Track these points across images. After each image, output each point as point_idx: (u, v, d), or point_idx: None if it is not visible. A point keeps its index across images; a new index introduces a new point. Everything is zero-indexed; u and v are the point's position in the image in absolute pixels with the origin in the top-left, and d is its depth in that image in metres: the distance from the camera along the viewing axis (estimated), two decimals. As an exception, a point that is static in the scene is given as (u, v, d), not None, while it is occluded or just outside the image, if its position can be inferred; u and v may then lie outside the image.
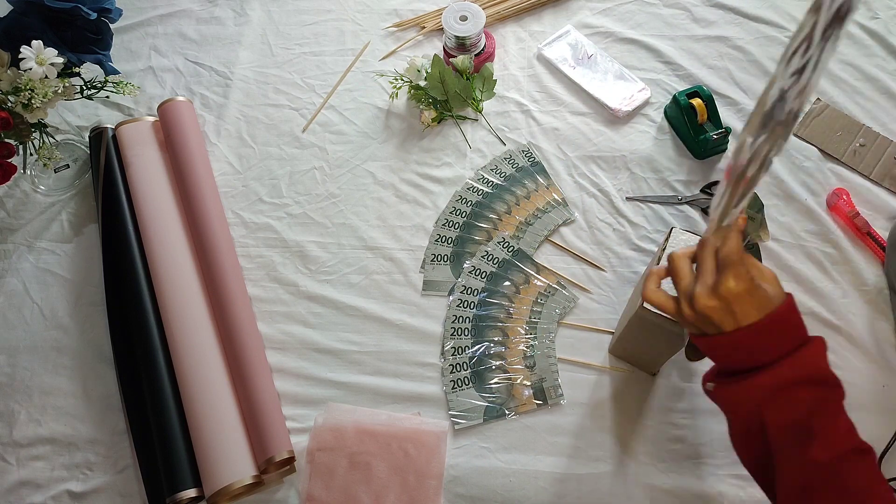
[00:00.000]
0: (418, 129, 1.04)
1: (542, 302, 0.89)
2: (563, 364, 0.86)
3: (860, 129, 1.00)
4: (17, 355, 0.88)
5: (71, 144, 1.02)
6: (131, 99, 1.06)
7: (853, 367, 0.84)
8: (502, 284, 0.91)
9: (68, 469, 0.82)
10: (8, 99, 0.83)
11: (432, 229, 0.96)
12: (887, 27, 1.09)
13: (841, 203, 0.93)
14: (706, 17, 1.12)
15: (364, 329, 0.89)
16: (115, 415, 0.84)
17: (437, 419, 0.83)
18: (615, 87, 1.05)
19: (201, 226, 0.90)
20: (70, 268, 0.94)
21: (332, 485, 0.79)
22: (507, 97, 1.06)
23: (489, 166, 1.00)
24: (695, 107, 0.96)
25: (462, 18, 1.01)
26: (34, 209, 0.98)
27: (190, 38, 1.13)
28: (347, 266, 0.94)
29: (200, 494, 0.77)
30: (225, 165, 1.02)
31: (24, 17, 0.85)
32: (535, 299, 0.89)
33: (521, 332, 0.88)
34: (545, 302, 0.89)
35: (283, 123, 1.05)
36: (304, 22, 1.14)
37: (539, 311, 0.89)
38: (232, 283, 0.87)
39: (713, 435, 0.81)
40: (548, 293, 0.90)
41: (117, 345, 0.86)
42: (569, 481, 0.79)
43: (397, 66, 1.09)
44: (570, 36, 1.10)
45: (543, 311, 0.89)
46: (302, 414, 0.84)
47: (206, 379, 0.81)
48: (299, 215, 0.98)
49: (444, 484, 0.79)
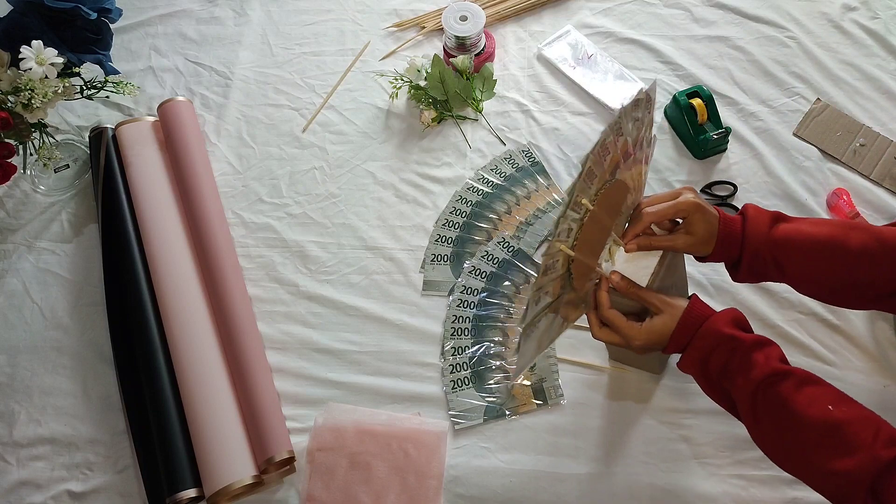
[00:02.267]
0: (418, 129, 1.04)
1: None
2: (563, 364, 0.86)
3: (860, 129, 1.00)
4: (17, 355, 0.88)
5: (71, 144, 1.02)
6: (131, 99, 1.06)
7: (853, 367, 0.84)
8: (502, 284, 0.91)
9: (68, 469, 0.82)
10: (8, 99, 0.83)
11: (432, 229, 0.96)
12: (887, 27, 1.09)
13: (841, 203, 0.93)
14: (706, 17, 1.12)
15: (364, 329, 0.89)
16: (115, 415, 0.84)
17: (437, 419, 0.83)
18: (615, 87, 1.05)
19: (201, 226, 0.90)
20: (70, 268, 0.94)
21: (332, 485, 0.79)
22: (507, 97, 1.06)
23: (489, 166, 1.00)
24: (695, 107, 0.96)
25: (462, 18, 1.01)
26: (34, 209, 0.98)
27: (190, 38, 1.13)
28: (347, 266, 0.94)
29: (200, 494, 0.77)
30: (225, 165, 1.02)
31: (24, 17, 0.85)
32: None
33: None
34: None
35: (283, 123, 1.05)
36: (304, 22, 1.14)
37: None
38: (232, 283, 0.87)
39: (714, 435, 0.81)
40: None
41: (117, 345, 0.86)
42: (569, 481, 0.79)
43: (397, 66, 1.09)
44: (570, 36, 1.10)
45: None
46: (302, 414, 0.84)
47: (206, 379, 0.81)
48: (299, 215, 0.98)
49: (444, 484, 0.79)
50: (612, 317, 0.67)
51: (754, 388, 0.62)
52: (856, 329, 0.86)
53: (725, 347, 0.64)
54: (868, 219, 0.92)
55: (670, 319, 0.66)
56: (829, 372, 0.84)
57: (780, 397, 0.61)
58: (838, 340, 0.86)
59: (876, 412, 0.81)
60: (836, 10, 1.11)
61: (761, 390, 0.62)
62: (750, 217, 0.69)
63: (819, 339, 0.86)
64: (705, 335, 0.65)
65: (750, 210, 0.69)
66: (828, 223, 0.69)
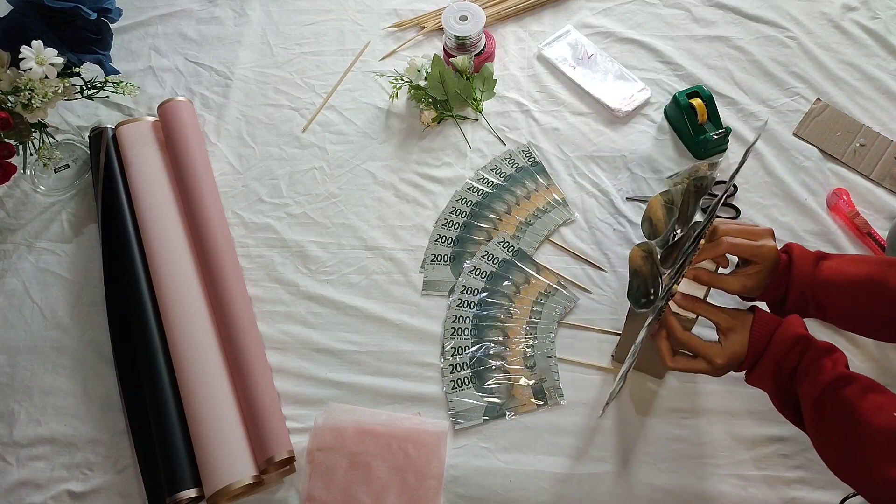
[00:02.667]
0: (418, 129, 1.04)
1: (543, 302, 0.89)
2: (564, 364, 0.86)
3: (860, 129, 1.00)
4: (17, 355, 0.88)
5: (71, 144, 1.02)
6: (131, 99, 1.06)
7: (853, 367, 0.83)
8: (502, 284, 0.91)
9: (68, 469, 0.82)
10: (8, 99, 0.83)
11: (432, 229, 0.96)
12: (887, 27, 1.09)
13: (841, 203, 0.93)
14: (706, 17, 1.12)
15: (364, 329, 0.89)
16: (115, 415, 0.84)
17: (437, 419, 0.83)
18: (615, 87, 1.05)
19: (201, 226, 0.90)
20: (70, 268, 0.94)
21: (332, 485, 0.79)
22: (507, 97, 1.06)
23: (489, 166, 1.00)
24: (695, 107, 0.96)
25: (462, 18, 1.01)
26: (34, 209, 0.98)
27: (190, 38, 1.13)
28: (347, 266, 0.94)
29: (200, 494, 0.77)
30: (225, 165, 1.02)
31: (24, 17, 0.85)
32: (536, 299, 0.89)
33: (522, 333, 0.88)
34: (545, 302, 0.89)
35: (283, 123, 1.05)
36: (304, 22, 1.14)
37: (539, 311, 0.89)
38: (232, 283, 0.87)
39: (714, 435, 0.81)
40: (548, 293, 0.90)
41: (117, 345, 0.86)
42: (569, 481, 0.79)
43: (397, 66, 1.09)
44: (570, 36, 1.10)
45: (543, 311, 0.89)
46: (302, 414, 0.84)
47: (206, 379, 0.81)
48: (299, 215, 0.98)
49: (444, 484, 0.79)
50: (688, 339, 0.67)
51: (820, 391, 0.62)
52: (856, 329, 0.86)
53: (798, 348, 0.64)
54: (868, 219, 0.92)
55: (743, 331, 0.66)
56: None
57: (845, 402, 0.61)
58: (838, 340, 0.86)
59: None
60: (836, 10, 1.11)
61: (827, 394, 0.62)
62: (796, 258, 0.69)
63: (819, 339, 0.86)
64: (780, 341, 0.65)
65: (795, 251, 0.69)
66: (867, 261, 0.68)
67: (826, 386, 0.62)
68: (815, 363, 0.63)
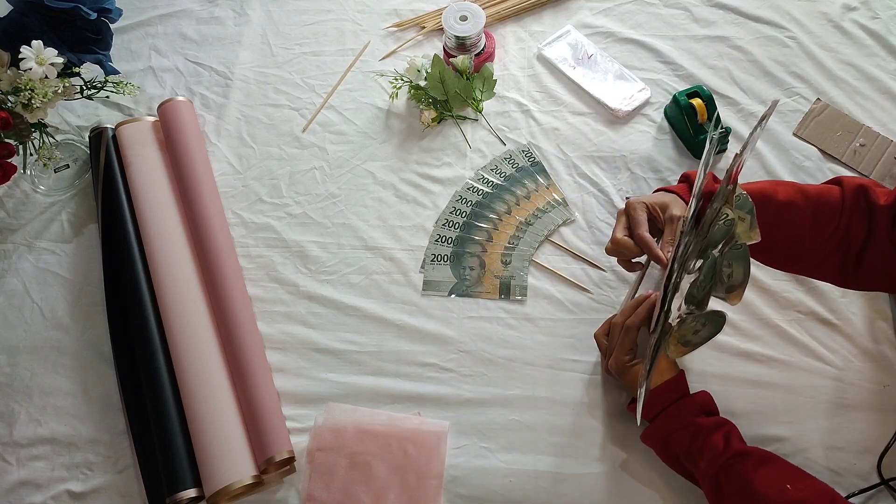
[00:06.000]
0: (418, 129, 1.04)
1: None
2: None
3: (860, 129, 1.00)
4: (17, 355, 0.88)
5: (71, 144, 1.02)
6: (131, 99, 1.06)
7: (853, 367, 0.84)
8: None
9: (68, 469, 0.82)
10: (8, 99, 0.83)
11: (432, 229, 0.96)
12: (887, 27, 1.09)
13: (841, 203, 0.93)
14: (706, 17, 1.12)
15: (364, 329, 0.89)
16: (115, 415, 0.84)
17: (437, 419, 0.83)
18: (615, 87, 1.05)
19: (201, 226, 0.90)
20: (70, 268, 0.94)
21: (332, 485, 0.79)
22: (507, 97, 1.06)
23: (489, 166, 1.00)
24: (695, 107, 0.96)
25: (462, 18, 1.01)
26: (34, 209, 0.98)
27: (190, 38, 1.13)
28: (347, 266, 0.94)
29: (200, 494, 0.77)
30: (225, 165, 1.02)
31: (24, 17, 0.85)
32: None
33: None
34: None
35: (283, 123, 1.05)
36: (304, 22, 1.14)
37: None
38: (232, 283, 0.87)
39: (713, 435, 0.81)
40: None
41: (117, 345, 0.86)
42: (569, 481, 0.79)
43: (397, 66, 1.09)
44: (570, 36, 1.10)
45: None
46: (302, 414, 0.84)
47: (205, 379, 0.81)
48: (299, 215, 0.98)
49: (444, 484, 0.79)
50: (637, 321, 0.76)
51: (717, 470, 0.69)
52: (855, 329, 0.86)
53: (686, 433, 0.71)
54: (868, 219, 0.92)
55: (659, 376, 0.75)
56: (829, 372, 0.84)
57: (740, 478, 0.68)
58: (838, 340, 0.86)
59: (876, 412, 0.82)
60: (836, 10, 1.11)
61: (723, 472, 0.69)
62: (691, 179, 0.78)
63: (819, 339, 0.86)
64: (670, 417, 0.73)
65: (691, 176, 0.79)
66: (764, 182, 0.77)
67: (722, 465, 0.69)
68: (706, 444, 0.70)
